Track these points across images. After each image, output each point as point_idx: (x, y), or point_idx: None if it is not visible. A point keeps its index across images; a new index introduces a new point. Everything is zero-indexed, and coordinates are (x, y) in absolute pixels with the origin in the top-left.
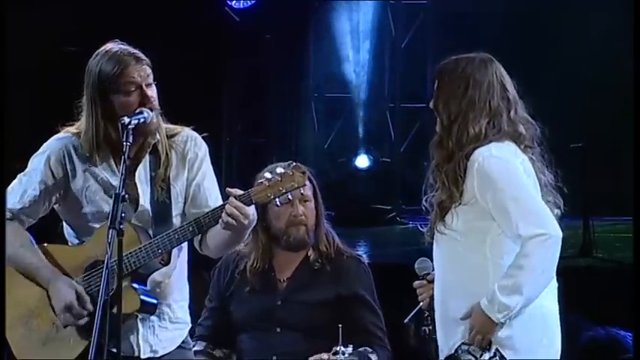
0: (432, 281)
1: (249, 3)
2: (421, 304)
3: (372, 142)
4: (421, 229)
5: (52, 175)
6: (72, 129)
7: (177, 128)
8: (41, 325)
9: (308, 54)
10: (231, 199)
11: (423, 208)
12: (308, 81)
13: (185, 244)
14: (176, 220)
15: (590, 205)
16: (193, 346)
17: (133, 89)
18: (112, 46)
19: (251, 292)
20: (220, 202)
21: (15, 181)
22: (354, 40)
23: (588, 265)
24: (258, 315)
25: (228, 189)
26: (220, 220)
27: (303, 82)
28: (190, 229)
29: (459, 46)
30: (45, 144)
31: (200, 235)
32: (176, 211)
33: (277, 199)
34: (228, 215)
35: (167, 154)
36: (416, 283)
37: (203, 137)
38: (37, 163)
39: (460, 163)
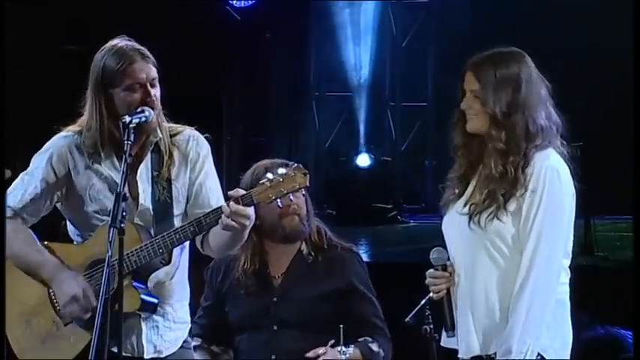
0: (452, 273)
1: (250, 2)
2: (422, 302)
3: (372, 141)
4: (460, 213)
5: (54, 174)
6: (74, 127)
7: (180, 127)
8: (42, 323)
9: (308, 53)
10: (231, 202)
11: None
12: (308, 80)
13: (187, 243)
14: (177, 220)
15: (591, 204)
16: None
17: (137, 86)
18: (118, 41)
19: (246, 294)
20: (222, 201)
21: (17, 180)
22: (355, 39)
23: (589, 263)
24: (255, 314)
25: (230, 192)
26: (220, 221)
27: (304, 81)
28: (191, 228)
29: (460, 46)
30: (48, 143)
31: (202, 235)
32: (177, 210)
33: (279, 200)
34: (227, 217)
35: (170, 153)
36: (433, 272)
37: (205, 137)
38: (39, 161)
39: (525, 158)
